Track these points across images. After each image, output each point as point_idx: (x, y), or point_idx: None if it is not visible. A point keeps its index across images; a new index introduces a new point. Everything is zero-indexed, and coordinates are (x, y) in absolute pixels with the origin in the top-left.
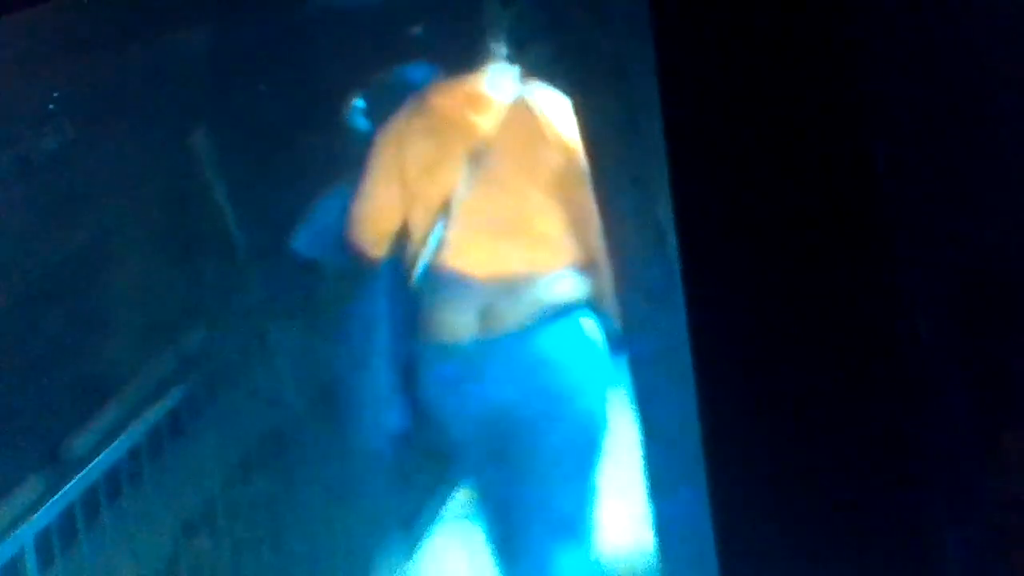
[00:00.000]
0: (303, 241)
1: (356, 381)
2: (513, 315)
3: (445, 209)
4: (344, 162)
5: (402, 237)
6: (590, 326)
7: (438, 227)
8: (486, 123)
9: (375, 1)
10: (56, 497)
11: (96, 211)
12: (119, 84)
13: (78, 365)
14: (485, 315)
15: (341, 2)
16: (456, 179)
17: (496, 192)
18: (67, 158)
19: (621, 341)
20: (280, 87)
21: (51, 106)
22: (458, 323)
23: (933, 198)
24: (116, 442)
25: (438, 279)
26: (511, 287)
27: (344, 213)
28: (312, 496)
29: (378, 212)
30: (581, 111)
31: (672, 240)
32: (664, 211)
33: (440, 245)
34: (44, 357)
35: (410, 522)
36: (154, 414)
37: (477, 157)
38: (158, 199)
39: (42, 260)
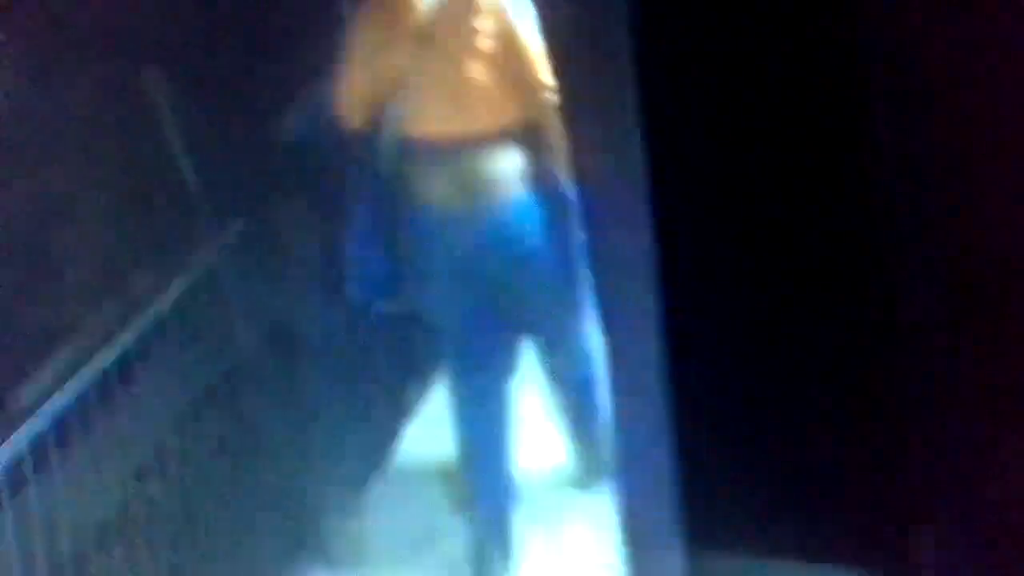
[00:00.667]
0: (300, 127)
1: (349, 247)
2: (473, 175)
3: (403, 83)
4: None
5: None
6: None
7: (400, 99)
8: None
9: None
10: (4, 446)
11: (45, 159)
12: (67, 28)
13: (25, 314)
14: (451, 177)
15: None
16: (409, 55)
17: (443, 64)
18: (16, 105)
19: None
20: (233, 29)
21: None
22: (428, 185)
23: (929, 195)
24: (64, 390)
25: (407, 146)
26: (467, 150)
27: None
28: (263, 438)
29: (353, 89)
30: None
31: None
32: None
33: (403, 116)
34: None
35: (365, 459)
36: (103, 361)
37: (425, 34)
38: (107, 145)
39: None
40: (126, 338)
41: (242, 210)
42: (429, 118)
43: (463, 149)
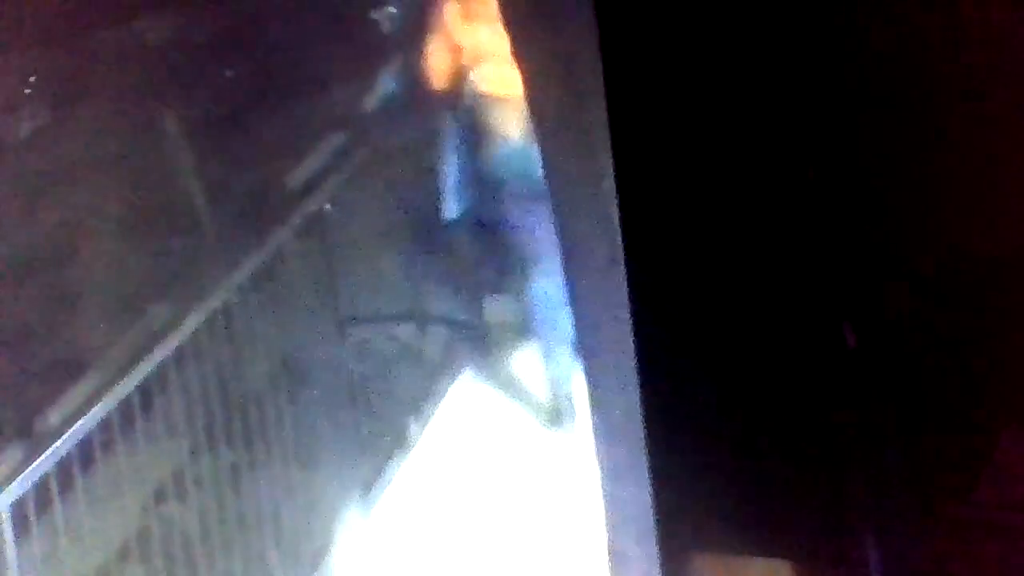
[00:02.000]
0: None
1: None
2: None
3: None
4: (305, 143)
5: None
6: None
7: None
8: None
9: None
10: (31, 467)
11: (69, 192)
12: (93, 68)
13: (52, 341)
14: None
15: None
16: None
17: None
18: (42, 141)
19: None
20: (242, 68)
21: (27, 91)
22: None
23: (929, 199)
24: (88, 415)
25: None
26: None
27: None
28: (275, 463)
29: (444, 56)
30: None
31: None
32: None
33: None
34: (20, 333)
35: (369, 487)
36: (124, 387)
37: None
38: (128, 179)
39: (16, 239)
40: (146, 367)
41: (256, 250)
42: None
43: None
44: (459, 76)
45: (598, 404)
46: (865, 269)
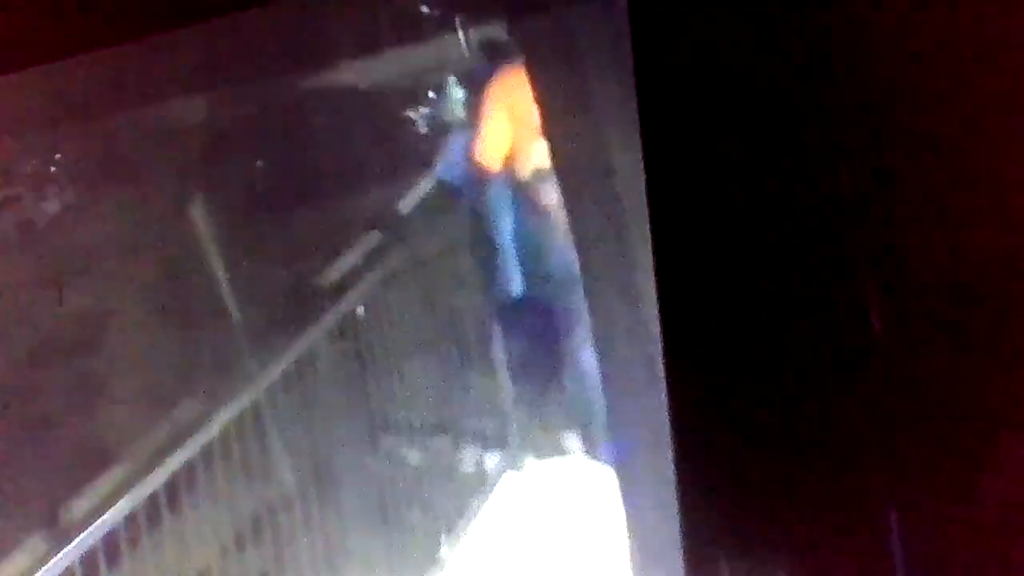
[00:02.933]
0: (443, 170)
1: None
2: None
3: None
4: (339, 235)
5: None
6: None
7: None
8: None
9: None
10: (56, 558)
11: (95, 276)
12: (120, 150)
13: (78, 430)
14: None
15: (339, 81)
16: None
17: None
18: (68, 221)
19: None
20: (276, 160)
21: (53, 168)
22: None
23: (928, 199)
24: (114, 508)
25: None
26: None
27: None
28: (304, 571)
29: (494, 139)
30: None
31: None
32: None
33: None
34: (45, 421)
35: None
36: (151, 482)
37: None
38: (156, 266)
39: (42, 324)
40: (173, 463)
41: (286, 353)
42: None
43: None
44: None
45: (635, 529)
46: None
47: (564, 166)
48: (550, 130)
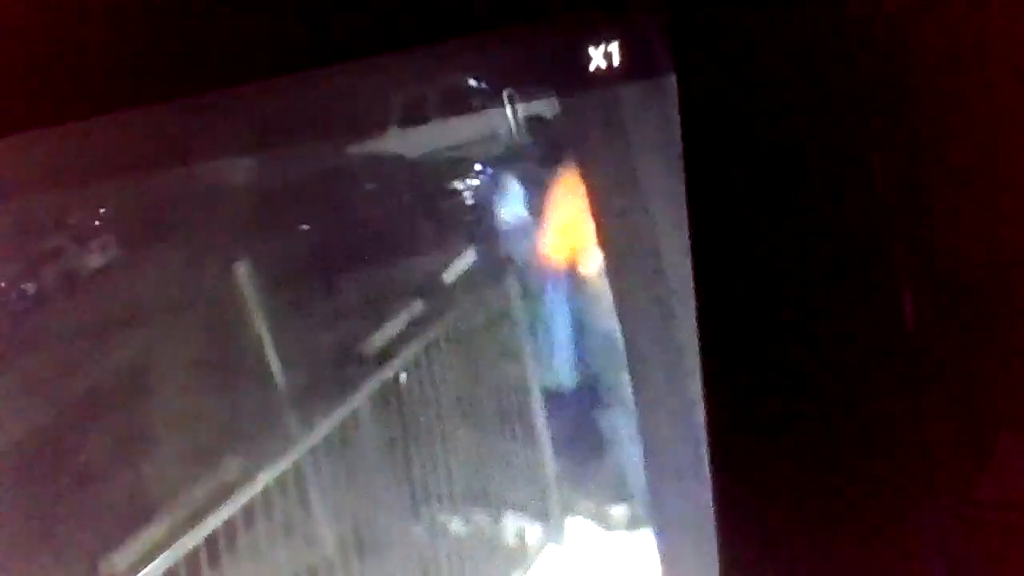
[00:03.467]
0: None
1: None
2: None
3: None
4: (383, 303)
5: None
6: None
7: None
8: None
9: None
10: None
11: (138, 331)
12: (168, 207)
13: (121, 485)
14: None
15: (387, 149)
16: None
17: None
18: (111, 276)
19: None
20: (322, 225)
21: (97, 222)
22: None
23: (928, 200)
24: (154, 562)
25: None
26: None
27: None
28: None
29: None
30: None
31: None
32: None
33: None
34: (88, 475)
35: None
36: (192, 538)
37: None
38: (201, 325)
39: (84, 378)
40: (215, 521)
41: (329, 416)
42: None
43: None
44: (543, 256)
45: None
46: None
47: (610, 244)
48: (597, 208)
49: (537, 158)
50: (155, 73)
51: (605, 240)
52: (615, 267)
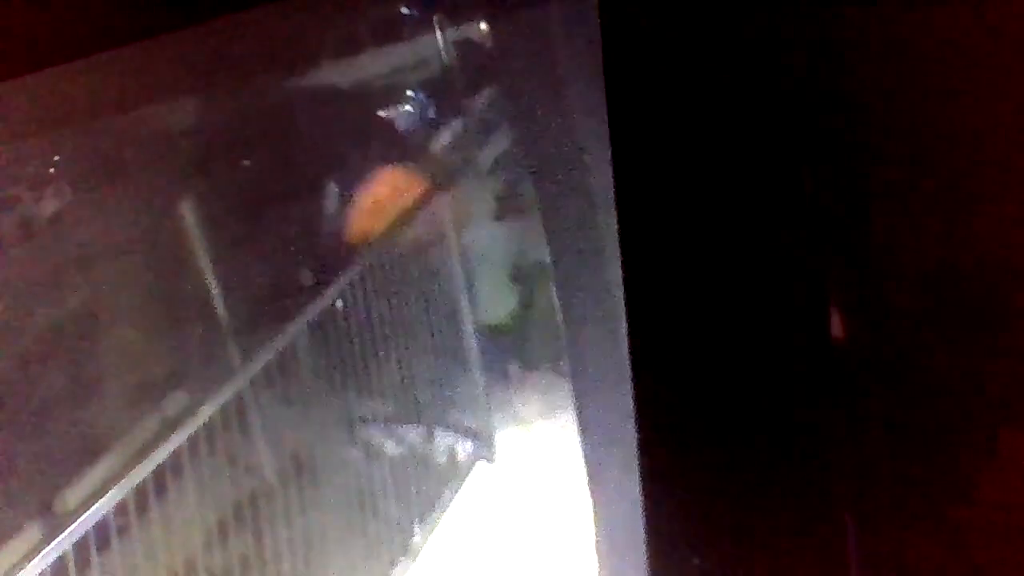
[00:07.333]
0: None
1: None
2: None
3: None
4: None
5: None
6: None
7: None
8: None
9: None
10: (51, 546)
11: (89, 274)
12: (115, 152)
13: (72, 423)
14: None
15: (322, 82)
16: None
17: None
18: (64, 222)
19: None
20: (262, 161)
21: (51, 170)
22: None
23: (923, 201)
24: (105, 497)
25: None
26: None
27: None
28: (283, 559)
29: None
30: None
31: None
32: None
33: None
34: (41, 415)
35: None
36: (140, 472)
37: None
38: (147, 265)
39: (39, 320)
40: (161, 454)
41: (268, 345)
42: None
43: None
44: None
45: (602, 521)
46: (865, 266)
47: (536, 161)
48: (524, 126)
49: (466, 81)
50: (95, 24)
51: (531, 157)
52: (541, 182)
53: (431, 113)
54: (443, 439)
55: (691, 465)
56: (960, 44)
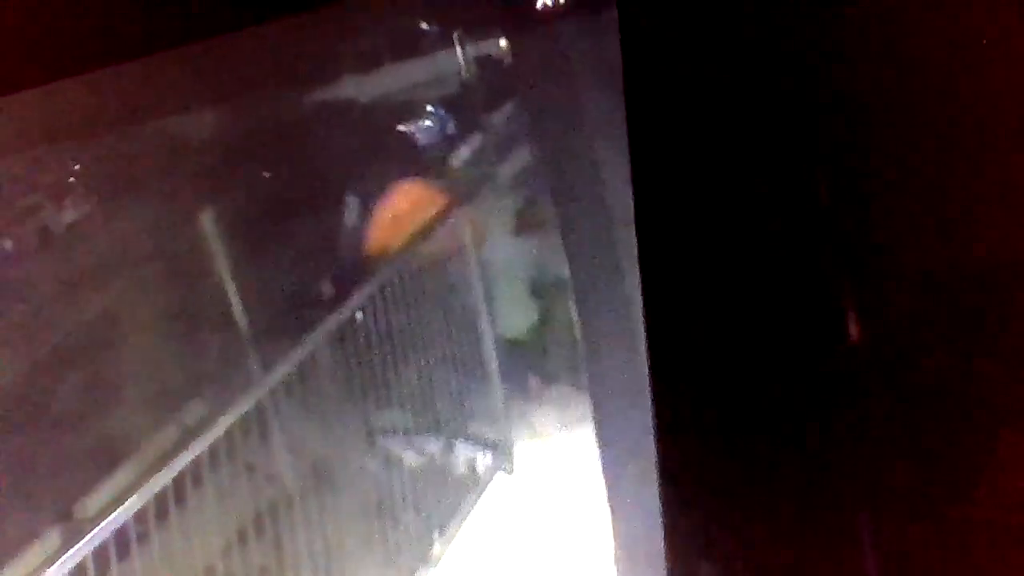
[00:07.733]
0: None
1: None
2: None
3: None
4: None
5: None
6: None
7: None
8: None
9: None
10: (70, 552)
11: (109, 282)
12: (135, 161)
13: (93, 431)
14: None
15: (344, 96)
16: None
17: None
18: (85, 229)
19: None
20: (283, 172)
21: (71, 179)
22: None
23: (923, 201)
24: (125, 504)
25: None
26: None
27: None
28: (303, 568)
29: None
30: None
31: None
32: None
33: None
34: (61, 422)
35: None
36: (160, 480)
37: None
38: (167, 274)
39: (59, 328)
40: (181, 462)
41: (289, 354)
42: None
43: None
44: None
45: (621, 532)
46: (866, 267)
47: (555, 176)
48: (543, 141)
49: (485, 97)
50: (118, 35)
51: (550, 174)
52: (560, 200)
53: (451, 128)
54: (463, 450)
55: (709, 477)
56: (960, 44)
